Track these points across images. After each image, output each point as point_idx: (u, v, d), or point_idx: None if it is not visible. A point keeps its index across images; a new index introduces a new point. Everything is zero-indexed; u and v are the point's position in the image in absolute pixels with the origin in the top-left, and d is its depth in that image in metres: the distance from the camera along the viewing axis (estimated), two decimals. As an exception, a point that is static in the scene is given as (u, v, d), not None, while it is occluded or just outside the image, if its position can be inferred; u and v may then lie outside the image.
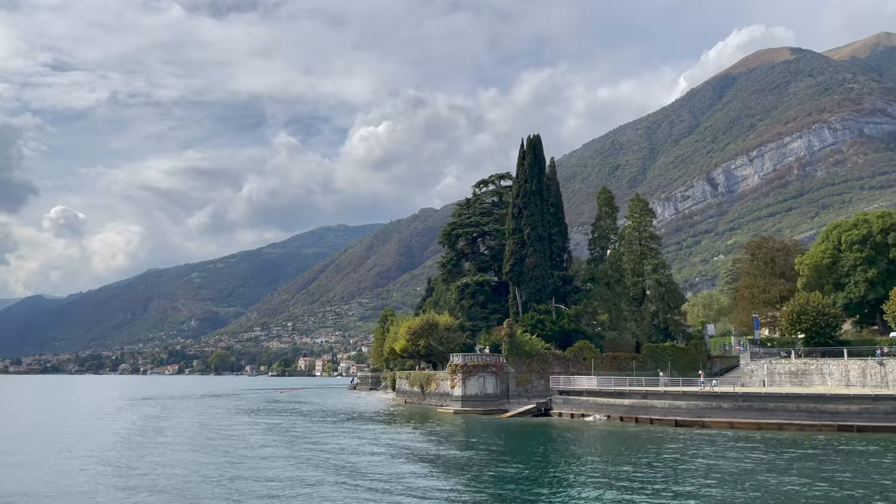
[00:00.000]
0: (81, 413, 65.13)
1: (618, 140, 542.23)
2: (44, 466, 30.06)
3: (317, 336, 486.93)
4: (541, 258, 65.75)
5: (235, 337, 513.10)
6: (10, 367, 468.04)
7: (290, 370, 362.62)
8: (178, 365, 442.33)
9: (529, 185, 66.60)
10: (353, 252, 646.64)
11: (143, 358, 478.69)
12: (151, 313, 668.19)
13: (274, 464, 29.98)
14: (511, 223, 66.84)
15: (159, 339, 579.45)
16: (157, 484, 25.17)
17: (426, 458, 31.92)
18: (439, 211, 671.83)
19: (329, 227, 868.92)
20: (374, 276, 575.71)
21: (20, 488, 23.71)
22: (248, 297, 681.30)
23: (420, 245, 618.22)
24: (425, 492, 23.52)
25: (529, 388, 59.69)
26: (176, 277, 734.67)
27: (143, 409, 69.95)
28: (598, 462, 30.19)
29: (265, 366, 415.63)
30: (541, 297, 65.55)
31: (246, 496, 22.75)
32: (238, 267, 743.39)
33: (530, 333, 61.50)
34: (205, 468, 28.74)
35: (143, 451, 34.99)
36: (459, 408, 55.88)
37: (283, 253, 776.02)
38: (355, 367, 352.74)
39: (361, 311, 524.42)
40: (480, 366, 56.73)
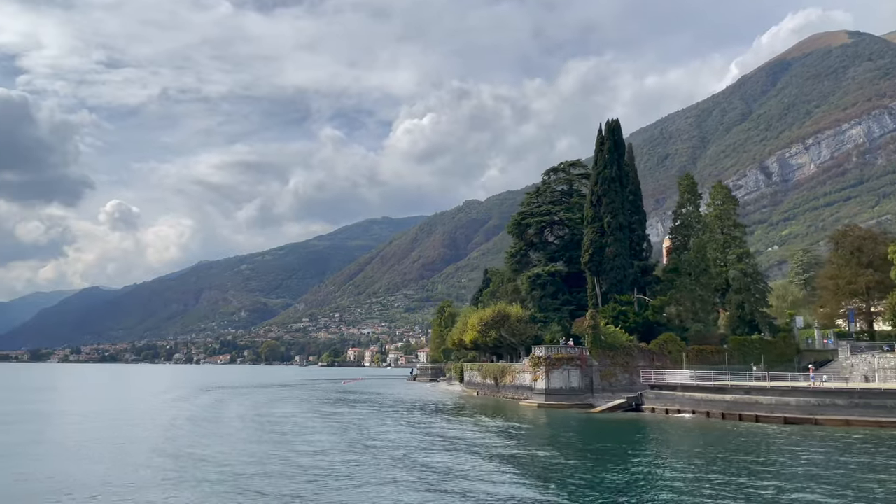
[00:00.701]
0: (169, 403, 65.05)
1: (666, 129, 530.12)
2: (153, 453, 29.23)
3: (363, 327, 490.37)
4: (621, 247, 63.10)
5: (284, 327, 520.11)
6: (71, 356, 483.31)
7: (340, 360, 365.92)
8: (230, 355, 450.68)
9: (609, 171, 63.92)
10: (397, 244, 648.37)
11: (196, 348, 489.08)
12: (203, 304, 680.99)
13: (382, 459, 28.43)
14: (590, 211, 64.29)
15: (211, 330, 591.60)
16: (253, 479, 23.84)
17: (527, 456, 29.95)
18: (484, 203, 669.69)
19: (374, 220, 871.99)
20: (419, 267, 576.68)
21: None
22: (295, 288, 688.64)
23: (464, 237, 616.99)
24: (534, 491, 21.66)
25: (614, 382, 57.28)
26: (226, 269, 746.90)
27: (227, 400, 69.75)
28: (717, 463, 27.75)
29: (314, 356, 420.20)
30: (621, 288, 62.93)
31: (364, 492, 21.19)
32: (286, 259, 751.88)
33: (612, 325, 58.99)
34: (305, 461, 27.38)
35: (255, 447, 33.84)
36: (543, 401, 53.83)
37: (329, 245, 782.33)
38: (403, 357, 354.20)
39: (407, 302, 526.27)
40: (565, 358, 54.54)
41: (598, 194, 63.98)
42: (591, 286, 64.39)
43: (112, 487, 22.56)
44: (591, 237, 63.19)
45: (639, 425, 43.46)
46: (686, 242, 65.21)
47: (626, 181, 65.67)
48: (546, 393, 54.18)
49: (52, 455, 30.74)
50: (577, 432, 40.50)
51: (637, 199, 67.33)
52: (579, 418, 47.68)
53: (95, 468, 26.84)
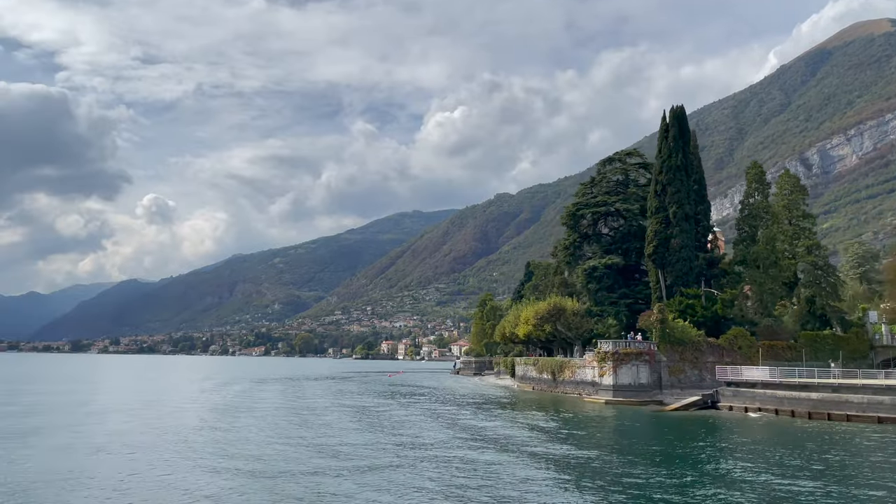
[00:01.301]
0: (250, 396, 64.29)
1: (702, 120, 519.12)
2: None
3: (395, 320, 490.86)
4: (687, 239, 60.57)
5: (317, 320, 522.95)
6: (110, 347, 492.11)
7: (373, 353, 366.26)
8: (265, 347, 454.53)
9: (674, 159, 61.40)
10: (428, 238, 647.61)
11: (231, 340, 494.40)
12: (237, 297, 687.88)
13: (456, 457, 26.78)
14: (654, 201, 61.84)
15: (245, 322, 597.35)
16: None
17: (610, 457, 28.01)
18: (515, 196, 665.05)
19: (405, 213, 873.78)
20: (450, 261, 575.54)
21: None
22: (327, 281, 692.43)
23: (496, 230, 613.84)
24: (624, 496, 19.80)
25: (682, 379, 54.96)
26: (260, 262, 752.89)
27: (299, 392, 68.94)
28: (815, 466, 25.54)
29: (347, 349, 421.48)
30: (686, 281, 60.44)
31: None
32: (318, 252, 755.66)
33: (680, 319, 56.60)
34: (382, 455, 25.88)
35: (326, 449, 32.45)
36: (611, 397, 51.79)
37: (360, 239, 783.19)
38: (437, 351, 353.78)
39: (438, 296, 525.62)
40: (633, 353, 52.38)
41: (662, 183, 61.51)
42: (655, 279, 61.98)
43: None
44: (655, 228, 60.77)
45: (719, 424, 41.24)
46: (753, 233, 62.40)
47: (692, 170, 63.07)
48: (614, 389, 52.12)
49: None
50: (654, 431, 38.45)
51: (702, 188, 64.72)
52: (652, 416, 45.59)
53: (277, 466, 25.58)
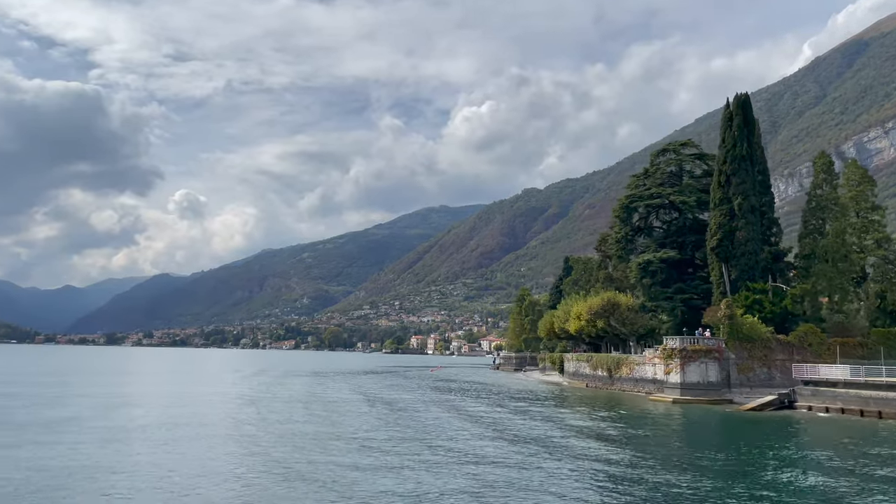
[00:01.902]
0: (306, 391, 63.31)
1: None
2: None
3: (423, 315, 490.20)
4: (752, 231, 58.02)
5: (346, 315, 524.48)
6: (144, 340, 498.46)
7: (403, 348, 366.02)
8: (295, 340, 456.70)
9: (739, 149, 58.84)
10: (456, 233, 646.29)
11: (261, 333, 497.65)
12: (267, 291, 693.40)
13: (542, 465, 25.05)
14: (717, 192, 59.36)
15: (275, 316, 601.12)
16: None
17: (697, 460, 25.99)
18: (543, 191, 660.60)
19: (432, 208, 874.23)
20: (478, 256, 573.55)
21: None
22: (355, 276, 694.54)
23: (523, 225, 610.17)
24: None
25: (751, 377, 52.62)
26: (289, 257, 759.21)
27: (351, 386, 67.86)
28: None
29: (376, 343, 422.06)
30: (752, 275, 57.91)
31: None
32: (346, 247, 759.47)
33: (749, 315, 54.21)
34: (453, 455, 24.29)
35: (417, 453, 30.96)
36: (678, 396, 49.65)
37: (388, 234, 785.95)
38: (466, 346, 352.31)
39: (466, 291, 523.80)
40: (702, 350, 50.13)
41: (726, 174, 58.99)
42: (718, 273, 59.54)
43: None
44: (719, 220, 58.30)
45: (803, 426, 38.95)
46: (821, 226, 59.58)
47: (756, 160, 60.47)
48: (681, 387, 49.97)
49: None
50: (736, 433, 36.32)
51: (766, 179, 61.99)
52: (727, 416, 43.42)
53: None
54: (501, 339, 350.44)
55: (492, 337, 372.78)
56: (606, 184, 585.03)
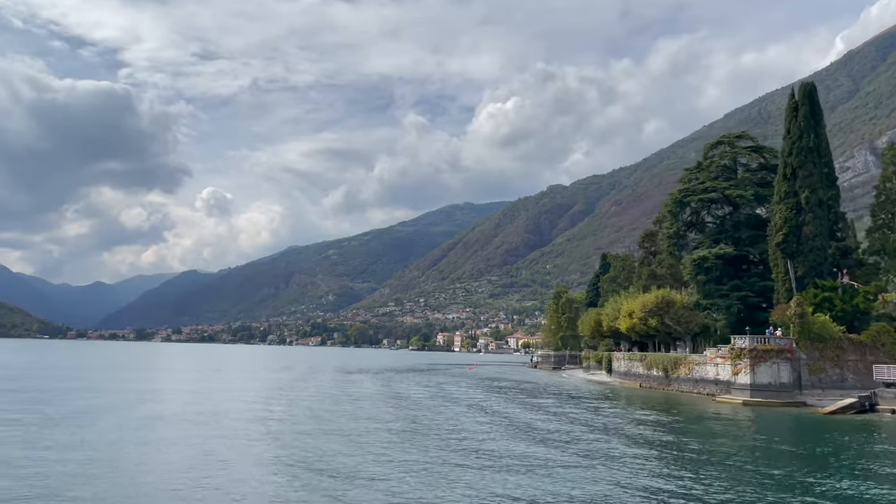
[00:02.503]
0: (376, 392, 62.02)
1: (765, 109, 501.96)
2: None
3: (448, 312, 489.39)
4: (820, 226, 55.41)
5: (371, 311, 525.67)
6: (173, 336, 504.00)
7: (429, 345, 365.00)
8: (321, 337, 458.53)
9: (806, 140, 56.20)
10: (480, 230, 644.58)
11: (288, 330, 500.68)
12: (293, 288, 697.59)
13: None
14: (782, 185, 56.80)
15: (300, 313, 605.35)
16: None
17: (801, 469, 23.85)
18: (568, 188, 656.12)
19: (457, 206, 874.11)
20: (503, 253, 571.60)
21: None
22: (380, 273, 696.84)
23: (548, 222, 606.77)
24: None
25: (823, 378, 50.15)
26: (314, 254, 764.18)
27: (413, 385, 66.47)
28: None
29: (401, 340, 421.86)
30: (820, 272, 55.34)
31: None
32: (370, 245, 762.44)
33: (820, 314, 51.71)
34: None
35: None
36: (749, 398, 47.38)
37: (412, 231, 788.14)
38: (494, 343, 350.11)
39: (491, 288, 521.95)
40: (774, 350, 47.79)
41: (792, 166, 56.40)
42: (784, 270, 56.99)
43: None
44: (784, 215, 55.75)
45: (890, 431, 36.57)
46: (891, 221, 56.83)
47: (822, 152, 57.81)
48: (751, 388, 47.67)
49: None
50: (819, 438, 33.92)
51: (831, 172, 59.30)
52: (806, 420, 41.08)
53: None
54: (528, 337, 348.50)
55: (518, 334, 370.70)
56: (633, 180, 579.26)
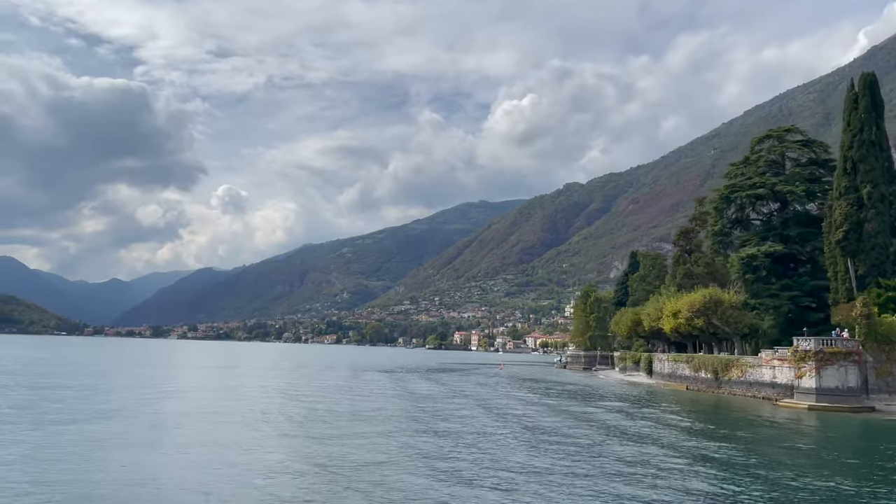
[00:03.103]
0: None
1: (786, 106, 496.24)
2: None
3: (463, 311, 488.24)
4: (883, 223, 52.97)
5: (386, 310, 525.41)
6: (189, 333, 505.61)
7: (446, 344, 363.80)
8: (336, 335, 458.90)
9: (867, 133, 53.81)
10: (496, 228, 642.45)
11: (303, 328, 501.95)
12: (308, 286, 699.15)
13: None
14: (843, 180, 54.40)
15: (315, 311, 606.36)
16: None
17: None
18: (585, 186, 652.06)
19: (471, 204, 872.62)
20: (518, 252, 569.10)
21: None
22: (394, 271, 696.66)
23: (564, 221, 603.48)
24: None
25: (890, 382, 47.82)
26: (329, 252, 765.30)
27: (469, 388, 64.74)
28: None
29: (417, 338, 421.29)
30: (883, 271, 52.94)
31: None
32: (385, 243, 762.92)
33: (888, 314, 49.39)
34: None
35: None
36: (814, 402, 45.16)
37: (427, 229, 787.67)
38: (511, 342, 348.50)
39: (506, 287, 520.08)
40: (841, 353, 45.54)
41: (853, 160, 54.02)
42: (843, 268, 54.65)
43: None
44: (845, 211, 53.36)
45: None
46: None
47: (883, 146, 55.38)
48: (817, 393, 45.44)
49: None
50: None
51: (891, 165, 56.81)
52: (881, 426, 38.91)
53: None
54: (546, 336, 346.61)
55: (536, 333, 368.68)
56: (651, 178, 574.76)
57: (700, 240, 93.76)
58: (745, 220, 73.33)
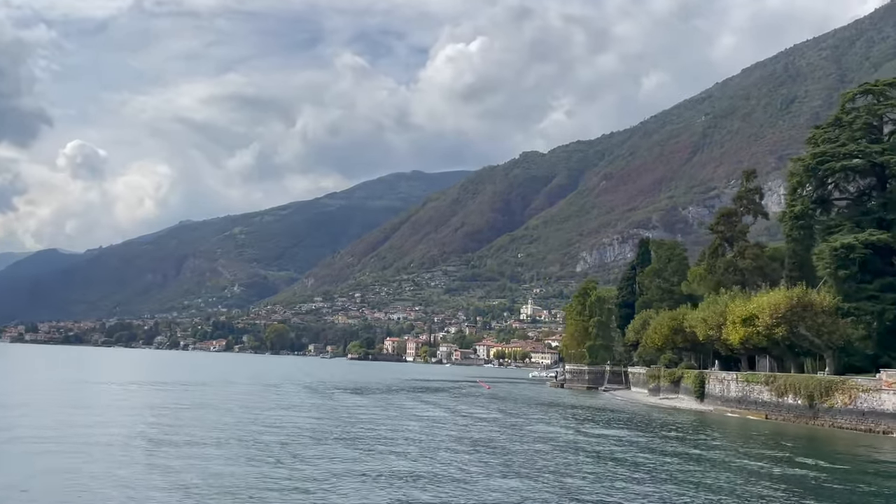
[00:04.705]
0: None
1: (793, 64, 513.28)
2: None
3: (392, 311, 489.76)
4: None
5: (291, 308, 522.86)
6: (26, 335, 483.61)
7: (374, 353, 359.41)
8: (226, 340, 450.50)
9: None
10: (434, 207, 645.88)
11: (182, 330, 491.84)
12: (187, 275, 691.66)
13: None
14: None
15: (196, 308, 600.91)
16: None
17: None
18: (546, 156, 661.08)
19: (403, 174, 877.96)
20: (462, 238, 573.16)
21: None
22: (302, 259, 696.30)
23: (521, 199, 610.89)
24: None
25: None
26: (215, 232, 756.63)
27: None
28: None
29: (334, 345, 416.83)
30: None
31: None
32: (290, 221, 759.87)
33: None
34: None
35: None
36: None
37: (344, 205, 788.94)
38: (458, 352, 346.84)
39: (447, 281, 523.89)
40: None
41: None
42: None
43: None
44: None
45: None
46: None
47: None
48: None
49: None
50: None
51: None
52: None
53: None
54: (502, 345, 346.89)
55: (488, 341, 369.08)
56: (628, 148, 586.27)
57: (745, 225, 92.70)
58: (826, 199, 71.45)
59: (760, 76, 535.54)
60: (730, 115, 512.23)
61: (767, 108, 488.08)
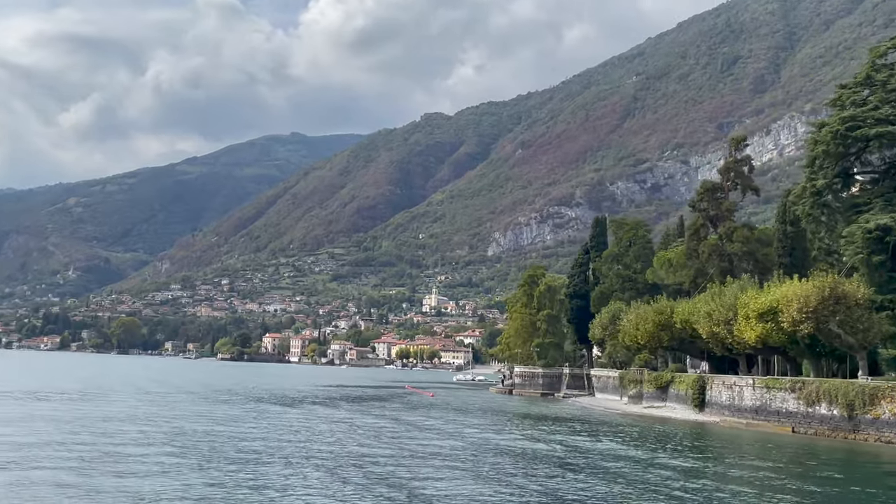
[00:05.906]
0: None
1: (735, 18, 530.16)
2: None
3: (267, 301, 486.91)
4: None
5: (142, 298, 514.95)
6: None
7: (251, 352, 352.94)
8: (61, 337, 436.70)
9: None
10: (317, 176, 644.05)
11: (3, 324, 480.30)
12: (7, 255, 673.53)
13: None
14: None
15: (21, 297, 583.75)
16: None
17: None
18: (452, 119, 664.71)
19: (279, 137, 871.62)
20: (352, 214, 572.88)
21: None
22: (154, 238, 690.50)
23: (423, 169, 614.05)
24: None
25: None
26: (45, 204, 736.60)
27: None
28: None
29: (197, 343, 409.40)
30: None
31: None
32: (139, 192, 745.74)
33: None
34: None
35: None
36: None
37: (207, 173, 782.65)
38: (354, 350, 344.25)
39: (334, 266, 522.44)
40: None
41: None
42: None
43: None
44: None
45: None
46: None
47: None
48: None
49: None
50: None
51: None
52: None
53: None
54: (406, 342, 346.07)
55: (389, 338, 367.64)
56: (548, 112, 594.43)
57: (733, 202, 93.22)
58: (848, 172, 71.92)
59: (698, 30, 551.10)
60: (664, 75, 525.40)
61: (707, 69, 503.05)
